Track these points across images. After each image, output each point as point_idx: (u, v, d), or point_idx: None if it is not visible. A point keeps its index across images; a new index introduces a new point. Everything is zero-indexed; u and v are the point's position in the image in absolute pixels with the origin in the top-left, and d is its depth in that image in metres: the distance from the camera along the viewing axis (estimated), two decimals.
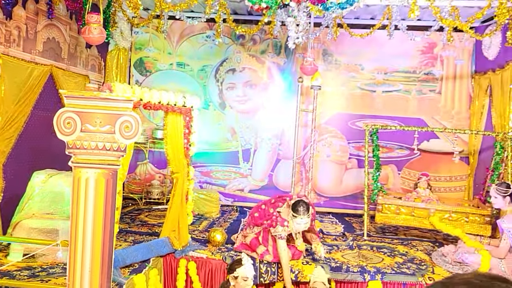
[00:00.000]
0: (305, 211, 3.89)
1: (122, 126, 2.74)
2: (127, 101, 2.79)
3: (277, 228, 3.98)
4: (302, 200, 4.00)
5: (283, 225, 3.97)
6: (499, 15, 4.53)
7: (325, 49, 7.15)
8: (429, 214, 5.31)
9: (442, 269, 4.40)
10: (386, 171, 7.08)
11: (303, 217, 3.88)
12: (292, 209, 3.94)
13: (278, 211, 4.08)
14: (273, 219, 4.03)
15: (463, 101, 7.01)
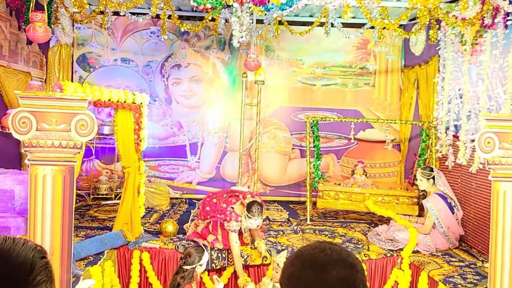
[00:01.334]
0: (260, 213, 4.15)
1: (78, 124, 2.87)
2: (82, 100, 2.92)
3: (231, 223, 4.23)
4: (256, 202, 4.23)
5: (237, 221, 4.24)
6: (420, 17, 5.04)
7: (267, 45, 7.46)
8: (365, 198, 5.80)
9: (376, 246, 4.87)
10: (326, 160, 7.55)
11: (257, 218, 4.14)
12: (247, 209, 4.18)
13: (232, 207, 4.34)
14: (226, 214, 4.29)
15: (394, 93, 7.60)
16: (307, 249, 1.08)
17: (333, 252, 1.04)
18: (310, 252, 1.06)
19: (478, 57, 4.94)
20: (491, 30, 4.67)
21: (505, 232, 3.13)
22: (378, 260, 4.57)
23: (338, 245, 1.09)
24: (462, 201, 5.17)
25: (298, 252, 1.10)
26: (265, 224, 5.65)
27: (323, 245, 1.08)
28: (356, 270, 1.02)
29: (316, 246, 1.08)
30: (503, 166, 3.14)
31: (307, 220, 5.90)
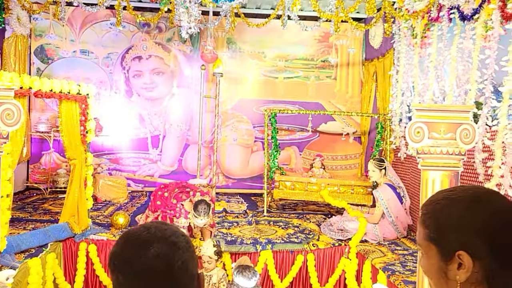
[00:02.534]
0: (206, 214, 4.15)
1: (4, 114, 2.84)
2: (8, 89, 2.88)
3: (179, 220, 4.25)
4: (204, 201, 4.22)
5: (186, 218, 4.26)
6: (368, 9, 5.10)
7: (229, 38, 7.45)
8: (320, 188, 5.88)
9: (327, 236, 4.94)
10: (288, 152, 7.62)
11: (203, 218, 4.15)
12: (194, 208, 4.19)
13: (182, 203, 4.34)
14: (176, 210, 4.30)
15: (356, 86, 7.69)
16: (134, 229, 1.11)
17: (157, 231, 1.06)
18: (135, 231, 1.09)
19: (426, 50, 5.03)
20: (437, 23, 4.76)
21: None
22: (326, 249, 4.64)
23: (167, 225, 1.11)
24: (412, 191, 5.28)
25: (125, 232, 1.12)
26: (221, 216, 5.68)
27: (150, 224, 1.10)
28: (177, 248, 1.04)
29: (144, 225, 1.10)
30: (432, 155, 3.21)
31: (264, 212, 5.95)
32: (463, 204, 1.01)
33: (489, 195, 1.04)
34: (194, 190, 4.49)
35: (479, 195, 1.03)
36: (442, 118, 3.22)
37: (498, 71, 3.68)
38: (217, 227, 5.11)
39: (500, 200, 1.03)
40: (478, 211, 0.99)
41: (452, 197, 1.04)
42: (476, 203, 1.01)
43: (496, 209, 1.00)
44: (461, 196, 1.03)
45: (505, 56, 3.52)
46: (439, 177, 3.24)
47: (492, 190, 1.08)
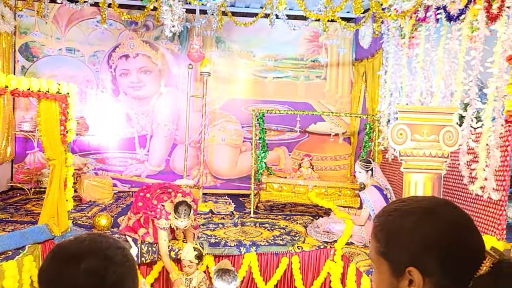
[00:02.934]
0: (186, 215, 4.05)
1: None
2: None
3: (160, 221, 4.15)
4: (184, 202, 4.12)
5: (166, 219, 4.16)
6: (355, 9, 5.04)
7: (218, 37, 7.37)
8: (308, 190, 5.82)
9: (312, 238, 4.88)
10: (278, 153, 7.55)
11: (184, 220, 4.05)
12: (174, 210, 4.09)
13: (163, 204, 4.25)
14: (157, 211, 4.20)
15: (346, 87, 7.64)
16: (66, 241, 1.02)
17: (91, 243, 0.98)
18: (65, 245, 1.00)
19: (414, 50, 4.99)
20: (425, 23, 4.71)
21: None
22: (311, 252, 4.58)
23: (105, 237, 1.03)
24: (400, 193, 5.23)
25: (56, 244, 1.03)
26: (207, 218, 5.61)
27: (85, 236, 1.01)
28: (112, 262, 0.96)
29: (78, 237, 1.01)
30: (414, 157, 3.17)
31: (250, 213, 5.88)
32: (415, 216, 0.94)
33: (443, 207, 0.96)
34: (175, 191, 4.40)
35: (433, 206, 0.96)
36: (425, 120, 3.18)
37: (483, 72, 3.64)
38: (202, 228, 5.04)
39: (454, 212, 0.96)
40: (429, 224, 0.92)
41: (404, 208, 0.97)
42: (428, 216, 0.93)
43: (448, 222, 0.93)
44: (414, 208, 0.96)
45: (490, 58, 3.48)
46: (422, 180, 3.20)
47: (447, 201, 1.00)
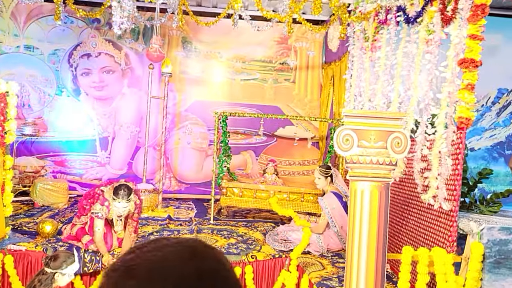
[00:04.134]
0: (125, 196, 3.86)
1: None
2: None
3: (95, 206, 3.92)
4: (125, 185, 3.95)
5: (102, 204, 3.92)
6: (314, 10, 4.89)
7: (184, 37, 7.17)
8: (270, 196, 5.63)
9: (269, 247, 4.70)
10: (245, 157, 7.36)
11: (122, 201, 3.85)
12: (113, 192, 3.90)
13: (102, 189, 4.02)
14: (95, 197, 3.98)
15: (315, 90, 7.50)
16: None
17: None
18: None
19: (375, 53, 4.85)
20: (386, 26, 4.57)
21: (362, 233, 2.99)
22: (265, 261, 4.39)
23: None
24: None
25: None
26: (163, 224, 5.38)
27: None
28: None
29: None
30: (361, 164, 2.99)
31: (210, 219, 5.67)
32: (137, 279, 0.71)
33: (182, 263, 0.73)
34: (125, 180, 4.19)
35: (165, 262, 0.72)
36: (373, 125, 3.01)
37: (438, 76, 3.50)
38: (156, 235, 4.81)
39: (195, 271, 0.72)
40: None
41: (128, 265, 0.73)
42: (153, 283, 0.70)
43: None
44: (137, 265, 0.72)
45: (444, 61, 3.34)
46: (369, 188, 3.03)
47: (199, 255, 0.77)
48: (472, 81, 3.05)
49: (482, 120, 6.24)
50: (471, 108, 3.07)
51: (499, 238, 3.06)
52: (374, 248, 3.02)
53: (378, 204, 3.04)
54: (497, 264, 3.06)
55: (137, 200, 4.10)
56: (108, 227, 4.14)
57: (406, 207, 3.95)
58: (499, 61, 6.20)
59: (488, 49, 6.42)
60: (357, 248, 3.02)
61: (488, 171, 4.21)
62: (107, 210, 3.95)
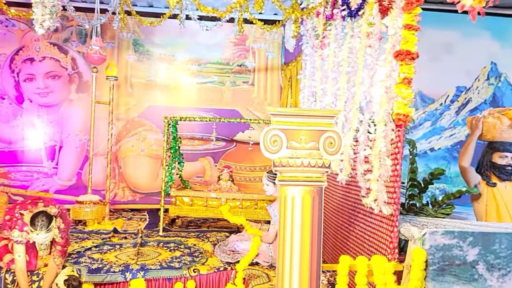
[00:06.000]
0: (43, 226, 3.45)
1: None
2: None
3: (13, 232, 3.53)
4: (43, 212, 3.52)
5: (21, 230, 3.54)
6: (256, 6, 4.65)
7: (135, 39, 6.84)
8: (221, 204, 5.33)
9: (217, 259, 4.39)
10: (203, 164, 7.05)
11: (40, 232, 3.47)
12: (30, 221, 3.50)
13: (21, 212, 3.63)
14: (13, 220, 3.59)
15: (275, 93, 7.25)
16: None
17: None
18: None
19: (324, 51, 4.62)
20: (333, 21, 4.35)
21: (293, 244, 2.72)
22: (209, 275, 4.08)
23: None
24: None
25: None
26: (105, 238, 5.01)
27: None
28: None
29: None
30: (291, 168, 2.72)
31: (159, 231, 5.34)
32: None
33: None
34: (45, 201, 3.76)
35: None
36: (303, 125, 2.75)
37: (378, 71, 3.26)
38: (94, 251, 4.46)
39: None
40: None
41: None
42: None
43: None
44: None
45: (382, 55, 3.11)
46: (300, 194, 2.76)
47: None
48: (409, 75, 2.82)
49: (441, 119, 6.07)
50: (408, 104, 2.84)
51: (442, 243, 2.82)
52: (308, 259, 2.75)
53: (311, 211, 2.77)
54: (441, 271, 2.82)
55: (61, 224, 3.66)
56: (32, 245, 3.76)
57: (353, 213, 3.70)
58: (457, 59, 6.07)
59: (445, 46, 6.32)
60: (289, 260, 2.75)
61: (440, 171, 4.01)
62: (27, 235, 3.55)
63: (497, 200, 3.84)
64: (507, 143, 4.06)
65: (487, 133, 4.08)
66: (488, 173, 4.09)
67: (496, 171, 3.99)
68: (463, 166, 4.02)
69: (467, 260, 2.86)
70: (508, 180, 4.02)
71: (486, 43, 6.12)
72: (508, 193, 3.90)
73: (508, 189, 3.94)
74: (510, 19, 6.17)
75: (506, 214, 3.92)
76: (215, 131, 5.70)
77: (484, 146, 4.09)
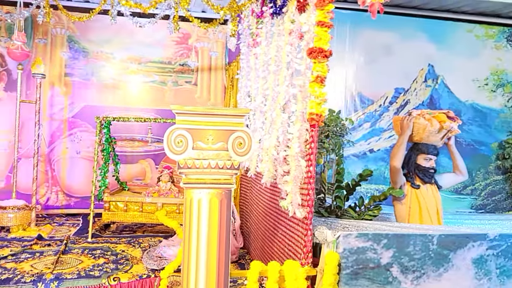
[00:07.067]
0: None
1: None
2: None
3: None
4: None
5: None
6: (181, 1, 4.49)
7: (70, 36, 6.53)
8: (158, 209, 5.13)
9: (142, 266, 4.19)
10: (143, 166, 6.81)
11: None
12: None
13: None
14: None
15: (219, 93, 7.10)
16: None
17: None
18: None
19: (256, 49, 4.51)
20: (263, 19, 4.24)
21: (200, 250, 2.57)
22: (131, 283, 3.87)
23: None
24: (250, 210, 4.71)
25: None
26: (25, 246, 4.70)
27: None
28: None
29: None
30: (197, 169, 2.58)
31: (88, 237, 5.07)
32: None
33: None
34: None
35: None
36: (210, 124, 2.61)
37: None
38: (9, 260, 4.15)
39: None
40: None
41: None
42: None
43: None
44: None
45: (300, 53, 3.02)
46: (207, 197, 2.62)
47: None
48: (322, 73, 2.73)
49: (380, 120, 6.11)
50: (322, 103, 2.75)
51: (356, 246, 2.75)
52: (215, 266, 2.61)
53: (218, 215, 2.64)
54: (355, 275, 2.75)
55: None
56: None
57: (278, 216, 3.59)
58: (395, 60, 6.12)
59: (384, 48, 6.37)
60: (195, 268, 2.60)
61: (368, 172, 3.97)
62: None
63: (420, 202, 3.83)
64: (431, 146, 4.07)
65: (416, 134, 4.07)
66: (412, 174, 4.09)
67: (420, 173, 3.99)
68: (395, 167, 4.00)
69: (381, 263, 2.80)
70: (430, 183, 4.03)
71: (423, 46, 6.21)
72: (429, 196, 3.91)
73: (430, 192, 3.94)
74: (445, 22, 6.29)
75: (427, 216, 3.93)
76: (150, 132, 5.48)
77: (409, 148, 4.09)
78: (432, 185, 4.00)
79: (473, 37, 6.61)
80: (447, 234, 2.94)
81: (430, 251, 2.88)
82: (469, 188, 6.63)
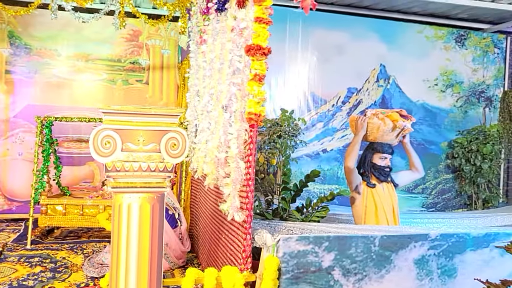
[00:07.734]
0: None
1: None
2: None
3: None
4: None
5: None
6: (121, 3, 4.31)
7: (11, 31, 6.16)
8: (99, 212, 4.91)
9: (82, 274, 3.97)
10: (91, 168, 6.53)
11: None
12: None
13: None
14: None
15: (171, 92, 6.91)
16: None
17: None
18: None
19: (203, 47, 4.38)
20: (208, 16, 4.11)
21: (129, 257, 2.41)
22: None
23: None
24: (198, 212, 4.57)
25: None
26: None
27: None
28: None
29: None
30: (127, 173, 2.42)
31: (27, 244, 4.78)
32: None
33: None
34: None
35: None
36: (141, 124, 2.45)
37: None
38: None
39: None
40: None
41: None
42: None
43: None
44: None
45: (240, 51, 2.92)
46: (137, 202, 2.46)
47: None
48: (260, 71, 2.63)
49: (333, 120, 6.10)
50: (261, 102, 2.65)
51: (297, 250, 2.67)
52: (147, 275, 2.46)
53: (150, 221, 2.48)
54: (296, 279, 2.67)
55: None
56: None
57: (222, 220, 3.47)
58: (348, 60, 6.14)
59: (336, 47, 6.38)
60: (124, 277, 2.44)
61: (316, 172, 3.92)
62: None
63: (376, 201, 3.81)
64: (386, 144, 4.06)
65: (370, 134, 4.05)
66: (368, 174, 4.06)
67: (376, 172, 3.97)
68: (348, 167, 3.95)
69: (323, 266, 2.74)
70: (385, 182, 4.02)
71: (375, 46, 6.25)
72: (385, 195, 3.90)
73: (385, 191, 3.93)
74: (396, 22, 6.37)
75: (383, 215, 3.91)
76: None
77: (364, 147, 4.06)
78: (388, 184, 3.99)
79: (423, 38, 6.73)
80: (389, 235, 2.91)
81: (372, 253, 2.84)
82: (420, 187, 6.75)
